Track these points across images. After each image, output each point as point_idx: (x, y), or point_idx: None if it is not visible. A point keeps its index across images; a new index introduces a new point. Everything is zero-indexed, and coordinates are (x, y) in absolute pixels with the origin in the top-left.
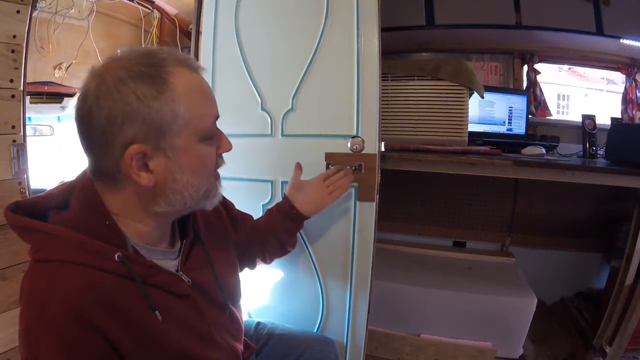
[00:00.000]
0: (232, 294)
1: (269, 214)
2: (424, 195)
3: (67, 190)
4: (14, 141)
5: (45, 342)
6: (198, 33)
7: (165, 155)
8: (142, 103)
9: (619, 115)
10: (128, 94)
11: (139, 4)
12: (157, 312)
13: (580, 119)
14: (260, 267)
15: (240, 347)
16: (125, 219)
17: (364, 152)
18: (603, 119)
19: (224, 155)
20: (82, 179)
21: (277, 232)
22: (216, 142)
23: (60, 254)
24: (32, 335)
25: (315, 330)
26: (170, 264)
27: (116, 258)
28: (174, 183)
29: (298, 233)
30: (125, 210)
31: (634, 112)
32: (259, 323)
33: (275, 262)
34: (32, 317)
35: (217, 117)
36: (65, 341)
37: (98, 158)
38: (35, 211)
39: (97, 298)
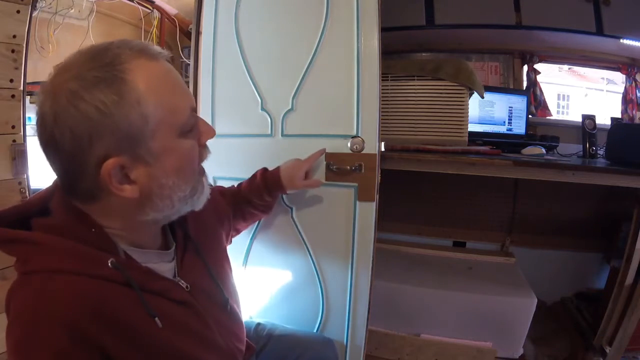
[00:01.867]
0: (231, 290)
1: (253, 177)
2: (424, 195)
3: (45, 197)
4: (14, 141)
5: (40, 358)
6: (198, 33)
7: (145, 162)
8: (104, 114)
9: (619, 115)
10: (87, 108)
11: (139, 4)
12: (156, 318)
13: (580, 119)
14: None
15: (242, 346)
16: (111, 230)
17: (364, 152)
18: (603, 119)
19: (222, 155)
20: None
21: (251, 196)
22: (197, 132)
23: (49, 263)
24: (25, 351)
25: (315, 331)
26: (166, 268)
27: (110, 264)
28: (161, 189)
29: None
30: (111, 223)
31: (634, 112)
32: (258, 324)
33: (275, 262)
34: (23, 335)
35: (193, 107)
36: (62, 356)
37: (74, 180)
38: (16, 220)
39: (91, 309)
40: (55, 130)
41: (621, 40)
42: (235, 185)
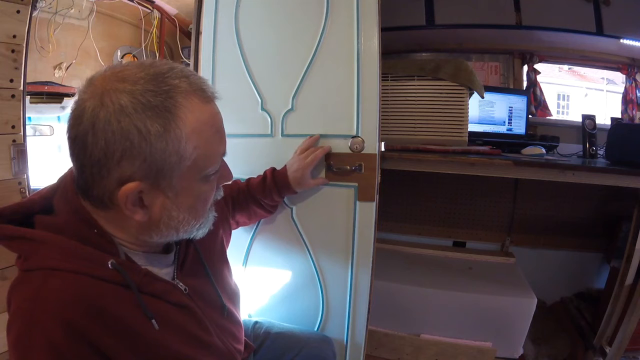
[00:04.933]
0: (229, 293)
1: (263, 178)
2: (424, 195)
3: (48, 195)
4: (14, 141)
5: (37, 355)
6: (198, 33)
7: (163, 194)
8: (144, 140)
9: (619, 115)
10: (130, 128)
11: (139, 4)
12: (153, 320)
13: (580, 119)
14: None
15: (241, 347)
16: (115, 238)
17: (364, 152)
18: (603, 119)
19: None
20: (65, 183)
21: (261, 196)
22: (218, 175)
23: (50, 261)
24: (23, 348)
25: (315, 330)
26: (165, 271)
27: (110, 265)
28: (169, 220)
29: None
30: (113, 229)
31: (634, 112)
32: (256, 322)
33: (276, 261)
34: (22, 330)
35: (224, 153)
36: (58, 353)
37: (89, 182)
38: (17, 218)
39: (89, 307)
40: (90, 135)
41: (621, 40)
42: (242, 181)
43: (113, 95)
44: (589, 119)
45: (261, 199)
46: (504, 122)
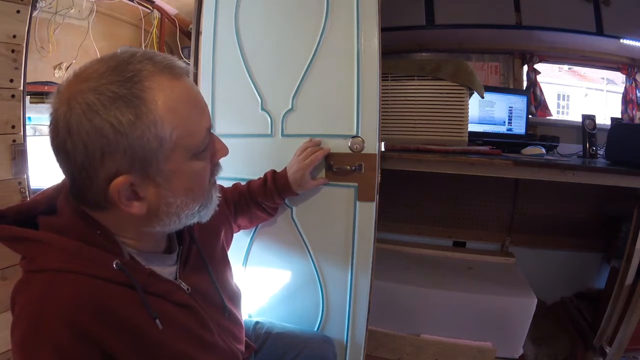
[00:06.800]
0: (231, 294)
1: (264, 180)
2: (424, 195)
3: (52, 195)
4: (14, 141)
5: (43, 356)
6: (198, 33)
7: (155, 182)
8: (119, 133)
9: (619, 115)
10: (102, 124)
11: (139, 4)
12: (157, 320)
13: (580, 119)
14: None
15: (241, 347)
16: (118, 237)
17: (364, 152)
18: (603, 119)
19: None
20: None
21: (262, 199)
22: (210, 151)
23: (54, 262)
24: (28, 349)
25: (315, 330)
26: (168, 271)
27: (114, 266)
28: (168, 207)
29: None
30: (116, 229)
31: (634, 112)
32: (257, 323)
33: (275, 262)
34: (28, 331)
35: (209, 127)
36: (63, 355)
37: (82, 189)
38: (20, 219)
39: (94, 309)
40: (68, 140)
41: (621, 40)
42: (242, 184)
43: (79, 97)
44: (589, 119)
45: (262, 201)
46: (504, 122)
